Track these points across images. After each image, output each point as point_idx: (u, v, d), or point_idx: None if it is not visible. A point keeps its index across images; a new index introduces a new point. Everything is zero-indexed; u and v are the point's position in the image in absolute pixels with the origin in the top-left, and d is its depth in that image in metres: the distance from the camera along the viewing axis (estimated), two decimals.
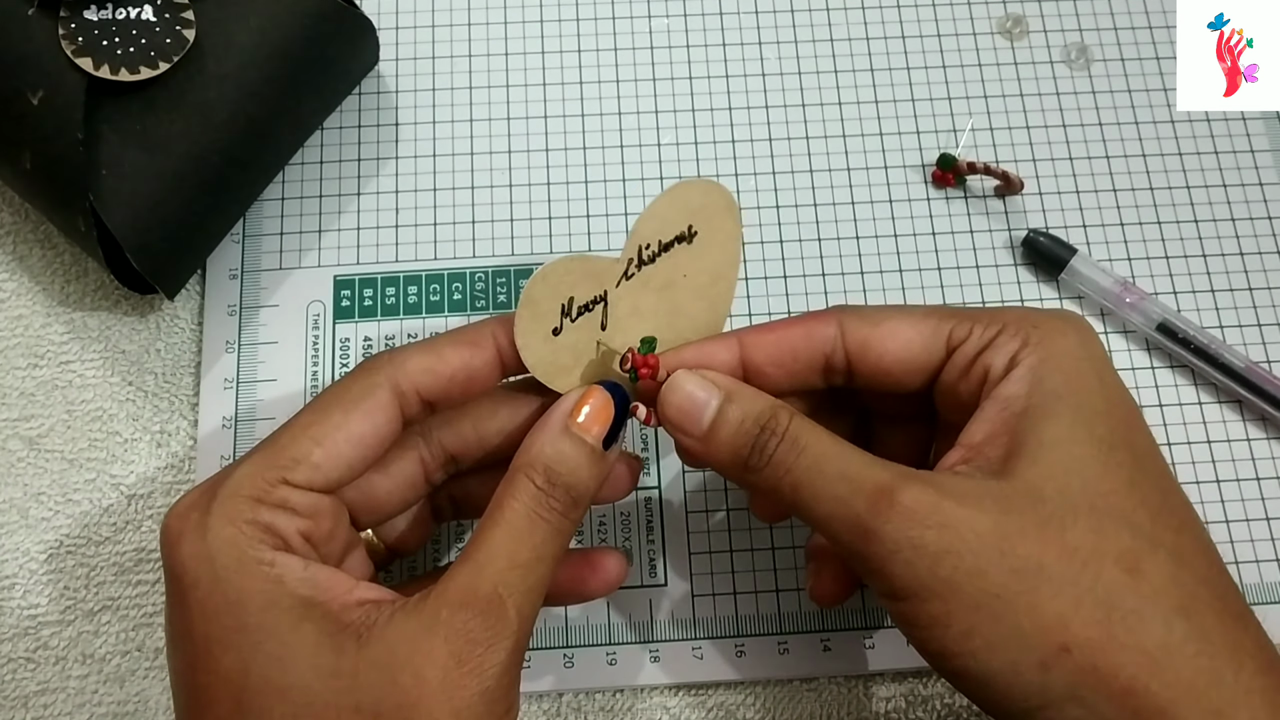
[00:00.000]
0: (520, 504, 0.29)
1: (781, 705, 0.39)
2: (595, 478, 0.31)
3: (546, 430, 0.30)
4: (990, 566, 0.27)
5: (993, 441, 0.29)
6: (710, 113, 0.46)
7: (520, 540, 0.29)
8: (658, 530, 0.40)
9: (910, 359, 0.31)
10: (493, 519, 0.29)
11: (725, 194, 0.32)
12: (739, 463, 0.30)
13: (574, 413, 0.31)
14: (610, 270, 0.31)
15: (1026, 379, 0.29)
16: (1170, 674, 0.26)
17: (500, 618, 0.28)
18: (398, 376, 0.30)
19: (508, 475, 0.30)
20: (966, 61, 0.47)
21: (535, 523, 0.29)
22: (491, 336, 0.31)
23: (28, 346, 0.42)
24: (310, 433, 0.29)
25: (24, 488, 0.41)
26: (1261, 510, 0.40)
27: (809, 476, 0.29)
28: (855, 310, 0.32)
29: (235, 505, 0.28)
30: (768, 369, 0.33)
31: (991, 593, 0.27)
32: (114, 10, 0.38)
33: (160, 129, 0.38)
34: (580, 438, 0.30)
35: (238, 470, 0.29)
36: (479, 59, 0.46)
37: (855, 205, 0.44)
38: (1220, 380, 0.42)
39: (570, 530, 0.30)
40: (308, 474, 0.29)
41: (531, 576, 0.29)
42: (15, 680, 0.39)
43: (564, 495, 0.30)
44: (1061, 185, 0.45)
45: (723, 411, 0.31)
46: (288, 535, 0.28)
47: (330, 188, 0.44)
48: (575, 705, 0.38)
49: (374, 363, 0.31)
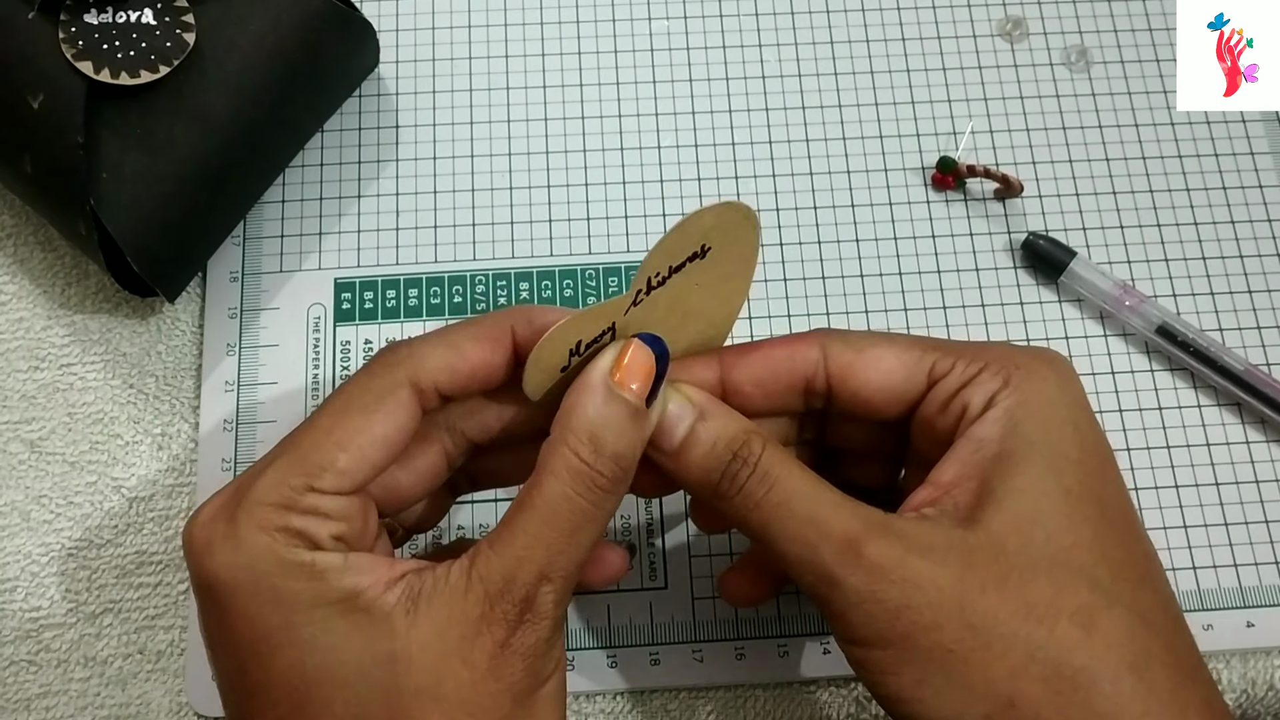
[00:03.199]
0: (560, 485, 0.28)
1: (781, 708, 0.39)
2: (641, 441, 0.30)
3: (587, 391, 0.29)
4: (947, 621, 0.27)
5: (962, 484, 0.29)
6: (710, 115, 0.46)
7: (559, 526, 0.28)
8: (658, 532, 0.40)
9: (891, 388, 0.31)
10: (530, 502, 0.28)
11: (741, 209, 0.31)
12: (709, 487, 0.30)
13: (614, 368, 0.29)
14: (618, 305, 0.30)
15: (1002, 421, 0.29)
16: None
17: (540, 604, 0.28)
18: (418, 375, 0.30)
19: (548, 445, 0.29)
20: (966, 64, 0.47)
21: (573, 504, 0.28)
22: (510, 332, 0.31)
23: (29, 349, 0.42)
24: (334, 438, 0.29)
25: (25, 490, 0.41)
26: (1261, 513, 0.41)
27: (777, 514, 0.29)
28: (839, 335, 0.32)
29: (265, 514, 0.28)
30: (748, 388, 0.32)
31: (945, 646, 0.27)
32: (114, 14, 0.38)
33: (161, 132, 0.38)
34: (623, 396, 0.29)
35: (262, 479, 0.28)
36: (479, 61, 0.46)
37: (855, 208, 0.44)
38: (1220, 383, 0.42)
39: (613, 508, 0.30)
40: (335, 480, 0.29)
41: (571, 563, 0.29)
42: (17, 683, 0.39)
43: (611, 466, 0.29)
44: (1061, 188, 0.45)
45: (695, 430, 0.30)
46: (320, 539, 0.28)
47: (331, 190, 0.44)
48: (576, 708, 0.39)
49: (392, 357, 0.30)
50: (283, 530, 0.28)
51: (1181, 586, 0.40)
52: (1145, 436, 0.41)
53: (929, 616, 0.27)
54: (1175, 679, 0.28)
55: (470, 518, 0.40)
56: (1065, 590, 0.28)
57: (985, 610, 0.27)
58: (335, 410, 0.30)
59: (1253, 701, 0.39)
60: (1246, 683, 0.39)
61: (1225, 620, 0.39)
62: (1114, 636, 0.27)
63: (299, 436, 0.30)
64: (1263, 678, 0.39)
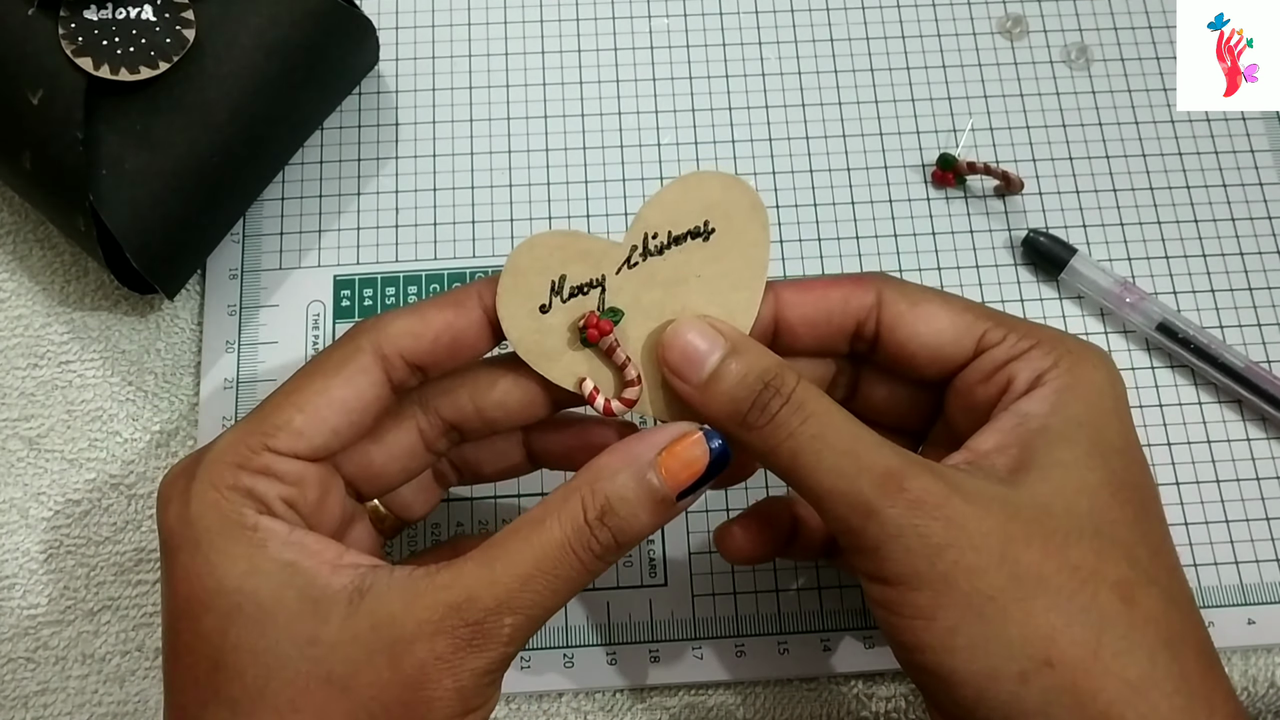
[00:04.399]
0: (561, 530, 0.28)
1: (781, 705, 0.39)
2: (652, 527, 0.29)
3: (626, 460, 0.28)
4: (990, 567, 0.26)
5: (1002, 452, 0.29)
6: (710, 113, 0.46)
7: (544, 567, 0.27)
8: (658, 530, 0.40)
9: (938, 347, 0.31)
10: (527, 533, 0.28)
11: (750, 193, 0.30)
12: (737, 417, 0.29)
13: (665, 453, 0.29)
14: (610, 254, 0.30)
15: (1050, 399, 0.29)
16: (1146, 707, 0.26)
17: (495, 632, 0.27)
18: (380, 340, 0.30)
19: (565, 488, 0.28)
20: (966, 61, 0.47)
21: (566, 554, 0.28)
22: (477, 297, 0.30)
23: (28, 346, 0.42)
24: (292, 400, 0.29)
25: (24, 488, 0.41)
26: (1261, 510, 0.40)
27: (813, 445, 0.28)
28: (897, 283, 0.32)
29: (218, 471, 0.28)
30: (800, 329, 0.32)
31: (986, 594, 0.26)
32: (114, 10, 0.38)
33: (160, 129, 0.38)
34: (656, 486, 0.28)
35: (222, 438, 0.29)
36: (479, 59, 0.46)
37: (855, 205, 0.44)
38: (1220, 380, 0.42)
39: (599, 573, 0.29)
40: (290, 440, 0.28)
41: (540, 608, 0.28)
42: (15, 680, 0.39)
43: (609, 538, 0.28)
44: (1061, 185, 0.45)
45: (725, 363, 0.30)
46: (270, 501, 0.28)
47: (330, 188, 0.44)
48: (575, 705, 0.38)
49: (357, 328, 0.30)
50: (234, 488, 0.28)
51: None
52: (1146, 434, 0.41)
53: (971, 559, 0.26)
54: (1203, 664, 0.28)
55: (469, 514, 0.40)
56: (1107, 560, 0.27)
57: (1030, 563, 0.27)
58: (298, 376, 0.30)
59: (1254, 699, 0.39)
60: (1248, 680, 0.39)
61: (1226, 617, 0.39)
62: (1151, 613, 0.27)
63: (264, 402, 0.30)
64: (1264, 675, 0.39)
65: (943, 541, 0.27)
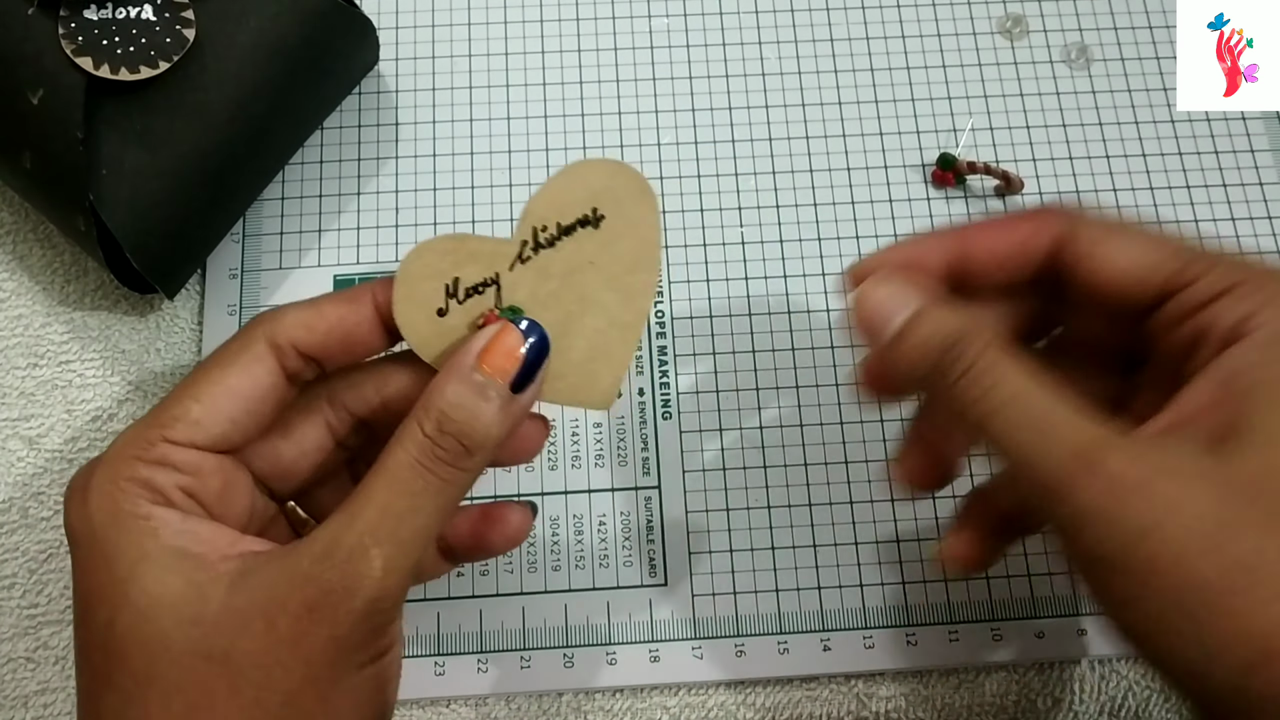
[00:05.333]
0: (404, 452, 0.28)
1: (781, 705, 0.39)
2: (497, 424, 0.29)
3: (450, 370, 0.29)
4: (1200, 554, 0.24)
5: (1209, 414, 0.26)
6: (710, 112, 0.46)
7: (397, 489, 0.28)
8: (658, 530, 0.40)
9: (1129, 282, 0.29)
10: (375, 470, 0.28)
11: (636, 177, 0.30)
12: (923, 378, 0.28)
13: (483, 353, 0.29)
14: (501, 251, 0.30)
15: (1260, 351, 0.26)
16: None
17: (362, 567, 0.27)
18: (274, 331, 0.30)
19: (403, 421, 0.29)
20: (966, 61, 0.47)
21: (416, 471, 0.28)
22: (371, 295, 0.30)
23: (28, 346, 0.42)
24: (189, 391, 0.29)
25: (24, 487, 0.41)
26: None
27: (1002, 413, 0.27)
28: (1091, 215, 0.30)
29: (115, 465, 0.28)
30: (989, 264, 0.30)
31: (1195, 585, 0.24)
32: (114, 10, 0.38)
33: (160, 128, 0.38)
34: (482, 382, 0.28)
35: (122, 434, 0.29)
36: (479, 59, 0.46)
37: (855, 205, 0.44)
38: None
39: (463, 482, 0.29)
40: (187, 430, 0.28)
41: (406, 528, 0.27)
42: (15, 680, 0.39)
43: (454, 444, 0.28)
44: (1061, 185, 0.45)
45: (912, 323, 0.29)
46: (167, 490, 0.28)
47: (330, 187, 0.44)
48: (575, 705, 0.38)
49: (253, 321, 0.30)
50: (130, 480, 0.28)
51: None
52: None
53: (1177, 546, 0.24)
54: None
55: None
56: None
57: (1246, 549, 0.24)
58: (197, 369, 0.30)
59: None
60: None
61: None
62: None
63: (164, 397, 0.30)
64: None
65: (1144, 525, 0.24)
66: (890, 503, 0.40)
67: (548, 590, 0.39)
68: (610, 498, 0.40)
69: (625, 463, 0.41)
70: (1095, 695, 0.39)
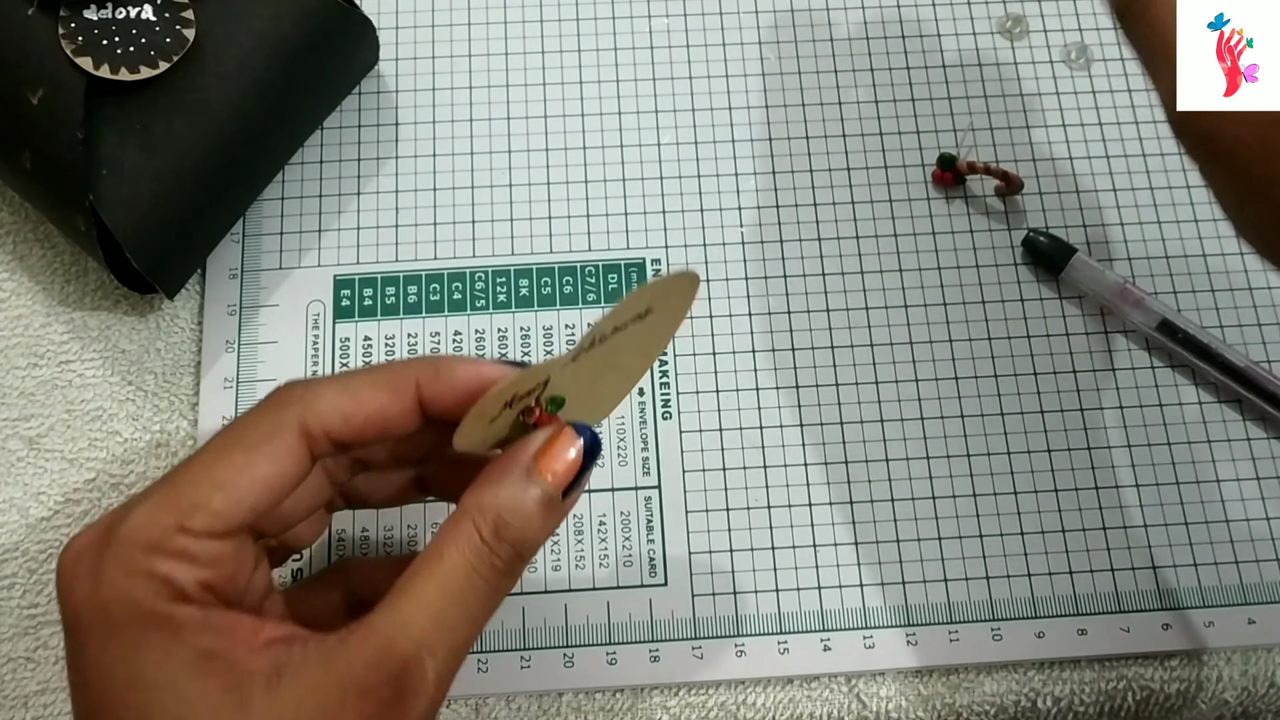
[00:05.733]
0: (460, 557, 0.27)
1: (781, 705, 0.39)
2: (547, 530, 0.29)
3: (505, 472, 0.28)
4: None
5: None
6: (710, 113, 0.46)
7: (452, 596, 0.27)
8: (658, 530, 0.40)
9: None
10: (428, 567, 0.27)
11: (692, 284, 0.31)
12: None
13: (540, 456, 0.29)
14: (556, 363, 0.30)
15: None
16: None
17: (418, 682, 0.26)
18: (308, 417, 0.28)
19: (454, 517, 0.28)
20: (966, 61, 0.47)
21: (472, 579, 0.27)
22: (414, 385, 0.29)
23: (27, 346, 0.42)
24: (212, 475, 0.27)
25: (24, 487, 0.40)
26: (1261, 510, 0.40)
27: None
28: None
29: (130, 554, 0.26)
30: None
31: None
32: (114, 9, 0.38)
33: (160, 128, 0.38)
34: (540, 485, 0.28)
35: (134, 513, 0.27)
36: (479, 59, 0.46)
37: (855, 205, 0.44)
38: (1220, 379, 0.42)
39: (509, 589, 0.29)
40: (207, 521, 0.27)
41: (459, 639, 0.27)
42: (15, 680, 0.38)
43: (510, 551, 0.28)
44: (1061, 185, 0.45)
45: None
46: (185, 585, 0.27)
47: (330, 187, 0.44)
48: (575, 705, 0.38)
49: (285, 397, 0.28)
50: (147, 574, 0.26)
51: (1182, 583, 0.40)
52: (1146, 434, 0.41)
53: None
54: None
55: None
56: None
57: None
58: (219, 446, 0.28)
59: (1254, 698, 0.39)
60: (1248, 680, 0.39)
61: (1226, 617, 0.39)
62: None
63: (179, 471, 0.28)
64: (1264, 674, 0.39)
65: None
66: (890, 503, 0.40)
67: (547, 590, 0.39)
68: (610, 498, 0.40)
69: (625, 463, 0.41)
70: (1095, 695, 0.39)
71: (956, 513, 0.40)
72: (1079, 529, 0.40)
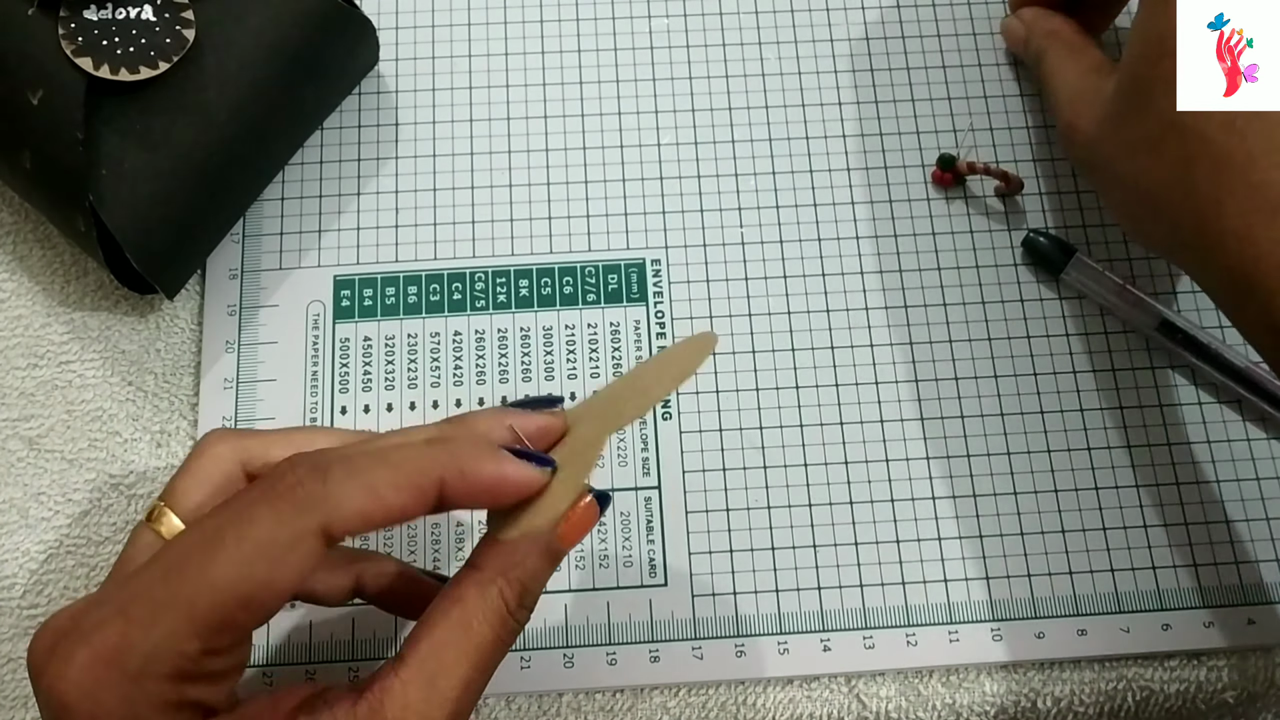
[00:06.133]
0: (489, 629, 0.28)
1: (781, 705, 0.39)
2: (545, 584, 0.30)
3: (531, 544, 0.29)
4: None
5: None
6: (710, 113, 0.46)
7: (483, 668, 0.28)
8: (658, 530, 0.40)
9: None
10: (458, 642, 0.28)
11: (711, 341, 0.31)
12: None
13: (564, 528, 0.29)
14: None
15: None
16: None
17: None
18: (331, 522, 0.27)
19: (478, 581, 0.28)
20: (966, 61, 0.47)
21: (498, 646, 0.28)
22: (439, 484, 0.28)
23: (27, 346, 0.42)
24: (238, 593, 0.26)
25: (24, 488, 0.40)
26: (1261, 510, 0.40)
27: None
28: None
29: (160, 688, 0.26)
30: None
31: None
32: (114, 10, 0.38)
33: (160, 129, 0.38)
34: (558, 554, 0.29)
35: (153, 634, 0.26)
36: (479, 59, 0.46)
37: (855, 205, 0.44)
38: (1220, 380, 0.42)
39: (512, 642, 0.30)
40: (234, 637, 0.27)
41: (477, 698, 0.28)
42: (15, 680, 0.39)
43: (525, 615, 0.29)
44: (1061, 185, 0.45)
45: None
46: (217, 701, 0.27)
47: (330, 188, 0.44)
48: (575, 705, 0.38)
49: (306, 497, 0.27)
50: (178, 705, 0.26)
51: (1182, 583, 0.40)
52: (1146, 434, 0.41)
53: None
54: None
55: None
56: None
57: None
58: (239, 560, 0.26)
59: (1253, 698, 0.39)
60: (1247, 680, 0.39)
61: (1226, 617, 0.39)
62: None
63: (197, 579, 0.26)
64: (1263, 675, 0.39)
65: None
66: (890, 503, 0.40)
67: (548, 590, 0.39)
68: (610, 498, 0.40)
69: (625, 463, 0.41)
70: (1095, 695, 0.39)
71: (956, 513, 0.40)
72: (1079, 529, 0.40)
